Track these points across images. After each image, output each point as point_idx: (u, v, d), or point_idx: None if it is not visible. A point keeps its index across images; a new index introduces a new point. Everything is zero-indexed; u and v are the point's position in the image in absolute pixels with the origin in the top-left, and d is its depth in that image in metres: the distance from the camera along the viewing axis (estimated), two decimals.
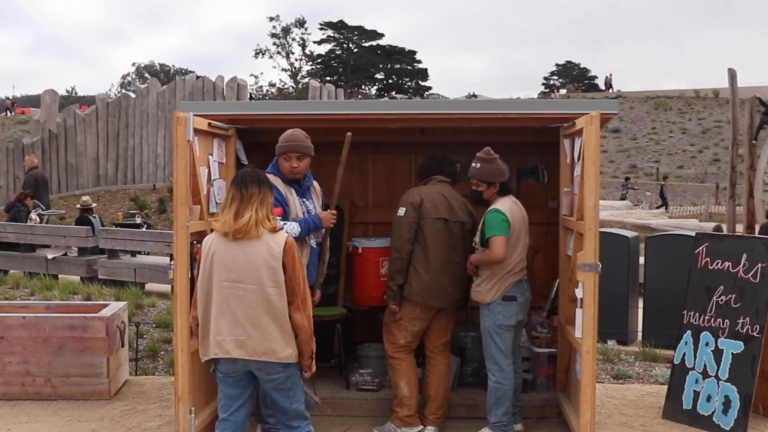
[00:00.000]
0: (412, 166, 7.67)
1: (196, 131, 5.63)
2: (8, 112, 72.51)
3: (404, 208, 6.27)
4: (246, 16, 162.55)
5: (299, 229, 5.73)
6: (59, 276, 15.19)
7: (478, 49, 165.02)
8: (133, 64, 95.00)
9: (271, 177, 5.76)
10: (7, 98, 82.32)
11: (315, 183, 6.20)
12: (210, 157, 6.11)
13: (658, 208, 34.42)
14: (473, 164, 6.16)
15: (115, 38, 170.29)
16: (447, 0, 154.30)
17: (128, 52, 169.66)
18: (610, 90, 72.05)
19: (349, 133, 5.83)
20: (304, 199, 5.97)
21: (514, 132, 6.79)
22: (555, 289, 6.87)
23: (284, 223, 5.56)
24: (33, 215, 17.46)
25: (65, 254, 15.90)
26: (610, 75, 76.17)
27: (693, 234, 8.66)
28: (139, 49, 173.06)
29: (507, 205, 6.06)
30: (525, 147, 7.34)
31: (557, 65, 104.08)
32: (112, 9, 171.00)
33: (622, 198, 35.51)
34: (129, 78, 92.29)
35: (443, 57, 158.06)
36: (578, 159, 5.96)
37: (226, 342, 4.56)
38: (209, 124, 5.92)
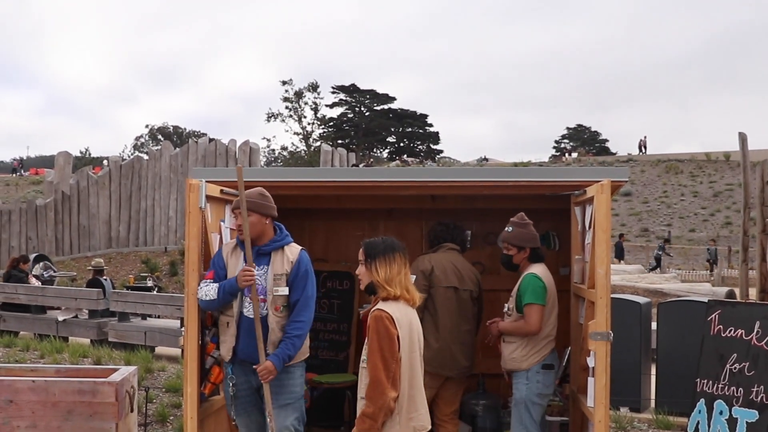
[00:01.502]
0: (423, 232, 7.68)
1: (209, 198, 5.66)
2: (15, 172, 73.52)
3: (414, 276, 6.26)
4: (257, 80, 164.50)
5: (215, 295, 5.31)
6: (69, 338, 15.18)
7: (488, 112, 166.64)
8: (147, 126, 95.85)
9: (229, 240, 5.69)
10: (15, 159, 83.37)
11: (289, 248, 5.56)
12: (222, 223, 6.13)
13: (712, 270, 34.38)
14: (506, 228, 6.22)
15: (125, 100, 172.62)
16: (458, 63, 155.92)
17: (139, 114, 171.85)
18: (644, 152, 71.76)
19: (240, 166, 5.59)
20: (254, 265, 5.38)
21: (525, 199, 6.81)
22: (567, 356, 6.82)
23: (206, 286, 5.35)
24: (33, 280, 17.48)
25: (76, 316, 15.89)
26: (645, 137, 75.34)
27: (705, 300, 8.61)
28: (150, 110, 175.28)
29: (543, 271, 6.08)
30: (536, 214, 7.33)
31: (568, 128, 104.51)
32: (121, 72, 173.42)
33: (657, 260, 35.34)
34: (142, 139, 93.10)
35: (454, 120, 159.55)
36: (589, 227, 5.96)
37: (425, 415, 4.53)
38: (221, 191, 5.96)
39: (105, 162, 62.71)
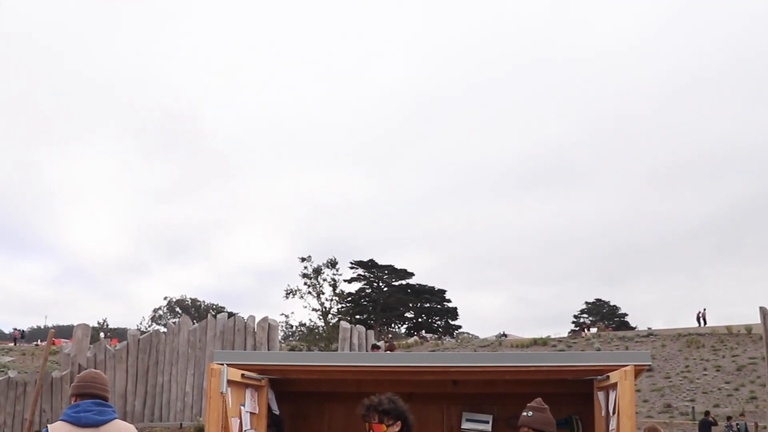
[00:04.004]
0: (444, 417, 7.58)
1: (229, 382, 5.65)
2: (15, 342, 74.16)
3: None
4: (271, 253, 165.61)
5: None
6: None
7: (504, 286, 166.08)
8: (165, 298, 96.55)
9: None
10: (15, 329, 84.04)
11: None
12: (242, 407, 6.10)
13: None
14: (524, 413, 6.14)
15: (139, 271, 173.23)
16: (472, 238, 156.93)
17: (153, 285, 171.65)
18: (704, 324, 71.03)
19: (52, 330, 5.53)
20: None
21: (547, 383, 6.76)
22: None
23: None
24: None
25: None
26: (704, 310, 74.90)
27: None
28: (165, 282, 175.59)
29: None
30: (558, 397, 7.27)
31: (586, 303, 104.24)
32: (135, 242, 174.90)
33: None
34: (161, 312, 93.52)
35: (471, 294, 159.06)
36: (613, 412, 5.89)
37: None
38: (242, 375, 5.95)
39: (102, 335, 62.72)
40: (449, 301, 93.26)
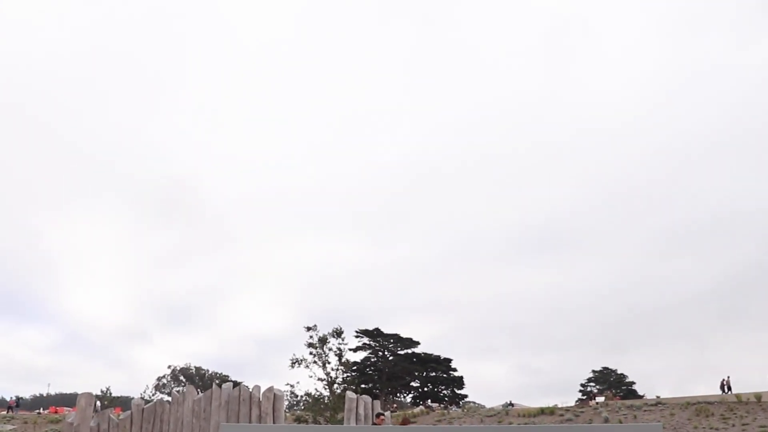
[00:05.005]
0: None
1: None
2: (10, 410, 73.93)
3: None
4: (273, 322, 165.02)
5: None
6: None
7: (509, 354, 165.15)
8: (169, 366, 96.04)
9: None
10: (12, 398, 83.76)
11: None
12: None
13: None
14: None
15: (141, 339, 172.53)
16: (479, 306, 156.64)
17: (155, 353, 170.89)
18: (729, 392, 70.40)
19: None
20: None
21: None
22: None
23: None
24: None
25: None
26: (728, 377, 74.46)
27: None
28: (166, 349, 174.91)
29: None
30: None
31: (593, 372, 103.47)
32: (135, 310, 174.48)
33: None
34: (164, 380, 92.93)
35: (476, 362, 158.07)
36: None
37: None
38: None
39: (97, 403, 62.55)
40: (455, 369, 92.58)
